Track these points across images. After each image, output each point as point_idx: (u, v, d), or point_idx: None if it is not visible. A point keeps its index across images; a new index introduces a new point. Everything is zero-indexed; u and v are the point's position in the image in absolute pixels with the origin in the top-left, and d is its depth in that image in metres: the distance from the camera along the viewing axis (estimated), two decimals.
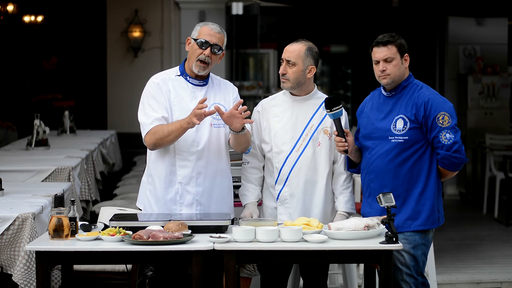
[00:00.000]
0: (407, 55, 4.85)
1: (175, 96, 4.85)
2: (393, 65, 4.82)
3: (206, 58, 4.80)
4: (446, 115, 4.75)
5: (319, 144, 5.01)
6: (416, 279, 4.80)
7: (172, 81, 4.89)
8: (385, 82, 4.85)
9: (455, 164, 4.77)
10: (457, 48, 12.32)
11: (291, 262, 5.07)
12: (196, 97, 4.85)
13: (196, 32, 4.87)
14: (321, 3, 12.37)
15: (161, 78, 4.90)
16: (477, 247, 8.98)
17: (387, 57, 4.82)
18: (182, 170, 4.84)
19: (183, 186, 4.85)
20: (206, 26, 4.85)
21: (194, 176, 4.85)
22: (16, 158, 7.61)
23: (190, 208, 4.85)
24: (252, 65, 14.55)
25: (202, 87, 4.90)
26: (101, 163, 9.16)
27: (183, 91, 4.87)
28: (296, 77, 4.97)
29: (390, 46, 4.82)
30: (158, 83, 4.87)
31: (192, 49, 4.85)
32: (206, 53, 4.80)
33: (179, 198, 4.85)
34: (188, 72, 4.89)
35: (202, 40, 4.80)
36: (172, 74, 4.93)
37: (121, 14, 11.55)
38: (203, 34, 4.83)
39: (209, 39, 4.81)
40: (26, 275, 4.88)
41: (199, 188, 4.86)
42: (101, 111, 11.95)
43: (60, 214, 4.41)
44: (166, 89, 4.85)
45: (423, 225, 4.80)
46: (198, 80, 4.89)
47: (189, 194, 4.85)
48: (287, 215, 4.98)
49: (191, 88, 4.88)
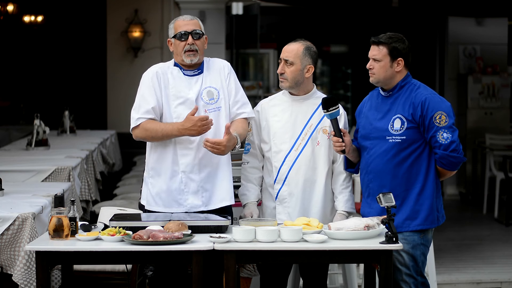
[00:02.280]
0: (401, 59, 4.82)
1: (174, 86, 4.90)
2: (379, 66, 4.83)
3: (191, 46, 4.87)
4: (443, 115, 4.74)
5: (318, 143, 5.01)
6: (415, 279, 4.80)
7: (171, 70, 4.94)
8: (371, 79, 4.89)
9: (453, 163, 4.77)
10: (457, 48, 12.31)
11: (291, 262, 5.07)
12: (192, 87, 4.90)
13: (171, 31, 4.95)
14: (321, 3, 12.37)
15: (160, 67, 4.98)
16: (477, 247, 8.97)
17: (375, 57, 4.84)
18: (184, 159, 4.86)
19: (187, 174, 4.86)
20: (177, 21, 4.95)
21: (196, 164, 4.87)
22: (16, 158, 7.61)
23: (196, 196, 4.86)
24: (252, 65, 14.55)
25: (198, 76, 4.95)
26: (101, 163, 9.16)
27: (180, 80, 4.92)
28: (294, 76, 4.97)
29: (381, 47, 4.83)
30: (157, 71, 4.94)
31: (175, 46, 4.92)
32: (189, 41, 4.87)
33: (183, 187, 4.86)
34: (181, 65, 4.95)
35: (180, 32, 4.88)
36: (170, 64, 4.99)
37: (121, 14, 11.54)
38: (178, 28, 4.91)
39: (185, 29, 4.89)
40: (26, 275, 4.88)
41: (202, 175, 4.87)
42: (101, 111, 11.94)
43: (60, 214, 4.41)
44: (165, 77, 4.91)
45: (422, 224, 4.80)
46: (192, 71, 4.94)
47: (193, 182, 4.87)
48: (286, 214, 4.98)
49: (188, 79, 4.93)
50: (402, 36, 4.89)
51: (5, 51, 13.97)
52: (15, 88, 14.04)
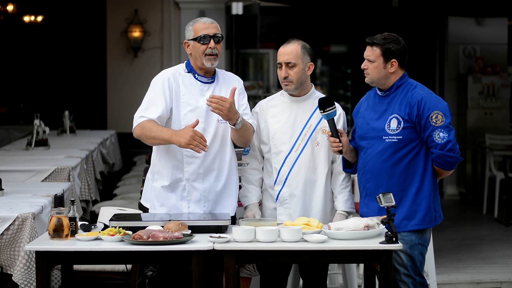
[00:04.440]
0: (394, 60, 4.82)
1: (185, 93, 4.86)
2: (373, 67, 4.84)
3: (213, 50, 4.83)
4: (439, 114, 4.74)
5: (317, 143, 5.01)
6: (414, 279, 4.80)
7: (183, 77, 4.91)
8: (366, 79, 4.90)
9: (449, 163, 4.76)
10: (457, 48, 12.31)
11: (291, 262, 5.07)
12: (204, 95, 4.87)
13: (191, 33, 4.88)
14: (321, 3, 12.37)
15: (172, 73, 4.92)
16: (477, 247, 8.98)
17: (368, 58, 4.85)
18: (189, 167, 4.85)
19: (190, 183, 4.86)
20: (198, 23, 4.88)
21: (201, 173, 4.86)
22: (16, 158, 7.61)
23: (198, 205, 4.86)
24: (252, 65, 14.53)
25: (210, 84, 4.92)
26: (101, 163, 9.16)
27: (192, 87, 4.89)
28: (298, 77, 4.97)
29: (375, 48, 4.84)
30: (169, 77, 4.88)
31: (195, 48, 4.86)
32: (212, 45, 4.83)
33: (186, 194, 4.86)
34: (196, 70, 4.91)
35: (201, 35, 4.83)
36: (181, 70, 4.95)
37: (121, 14, 11.54)
38: (199, 30, 4.85)
39: (207, 32, 4.84)
40: (26, 275, 4.88)
41: (206, 185, 4.86)
42: (101, 111, 11.94)
43: (60, 214, 4.42)
44: (176, 83, 4.87)
45: (419, 224, 4.80)
46: (206, 78, 4.92)
47: (196, 191, 4.86)
48: (287, 215, 4.98)
49: (200, 86, 4.90)
50: (398, 36, 4.88)
51: (5, 51, 13.97)
52: (15, 88, 14.03)
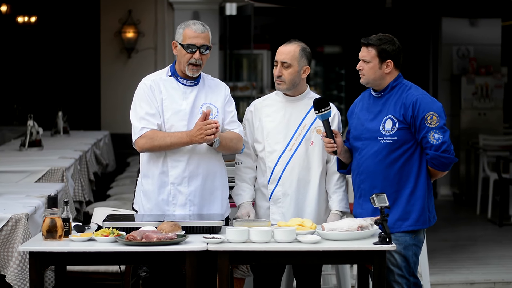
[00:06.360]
0: (390, 61, 4.83)
1: (167, 97, 4.84)
2: (368, 67, 4.84)
3: (197, 60, 4.79)
4: (434, 115, 4.75)
5: (312, 143, 5.01)
6: (408, 280, 4.80)
7: (164, 82, 4.88)
8: (361, 80, 4.90)
9: (444, 164, 4.77)
10: (451, 48, 12.33)
11: (285, 263, 5.07)
12: (187, 97, 4.85)
13: (180, 36, 4.83)
14: (315, 4, 12.39)
15: (152, 79, 4.89)
16: (471, 247, 8.99)
17: (364, 58, 4.85)
18: (174, 171, 4.83)
19: (175, 186, 4.84)
20: (188, 29, 4.81)
21: (186, 176, 4.84)
22: (10, 159, 7.60)
23: (184, 209, 4.84)
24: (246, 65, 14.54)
25: (193, 87, 4.89)
26: (95, 164, 9.16)
27: (174, 91, 4.86)
28: (292, 78, 4.97)
29: (370, 48, 4.84)
30: (150, 84, 4.86)
31: (181, 54, 4.84)
32: (196, 56, 4.79)
33: (171, 199, 4.85)
34: (179, 73, 4.89)
35: (188, 44, 4.78)
36: (163, 75, 4.92)
37: (115, 14, 11.53)
38: (188, 37, 4.79)
39: (195, 42, 4.78)
40: (20, 276, 4.87)
41: (191, 188, 4.84)
42: (95, 111, 11.93)
43: (54, 215, 4.41)
44: (158, 90, 4.84)
45: (413, 225, 4.80)
46: (189, 80, 4.89)
47: (181, 195, 4.84)
48: (280, 214, 4.98)
49: (182, 89, 4.88)
50: (393, 37, 4.89)
51: None
52: (9, 88, 14.00)
